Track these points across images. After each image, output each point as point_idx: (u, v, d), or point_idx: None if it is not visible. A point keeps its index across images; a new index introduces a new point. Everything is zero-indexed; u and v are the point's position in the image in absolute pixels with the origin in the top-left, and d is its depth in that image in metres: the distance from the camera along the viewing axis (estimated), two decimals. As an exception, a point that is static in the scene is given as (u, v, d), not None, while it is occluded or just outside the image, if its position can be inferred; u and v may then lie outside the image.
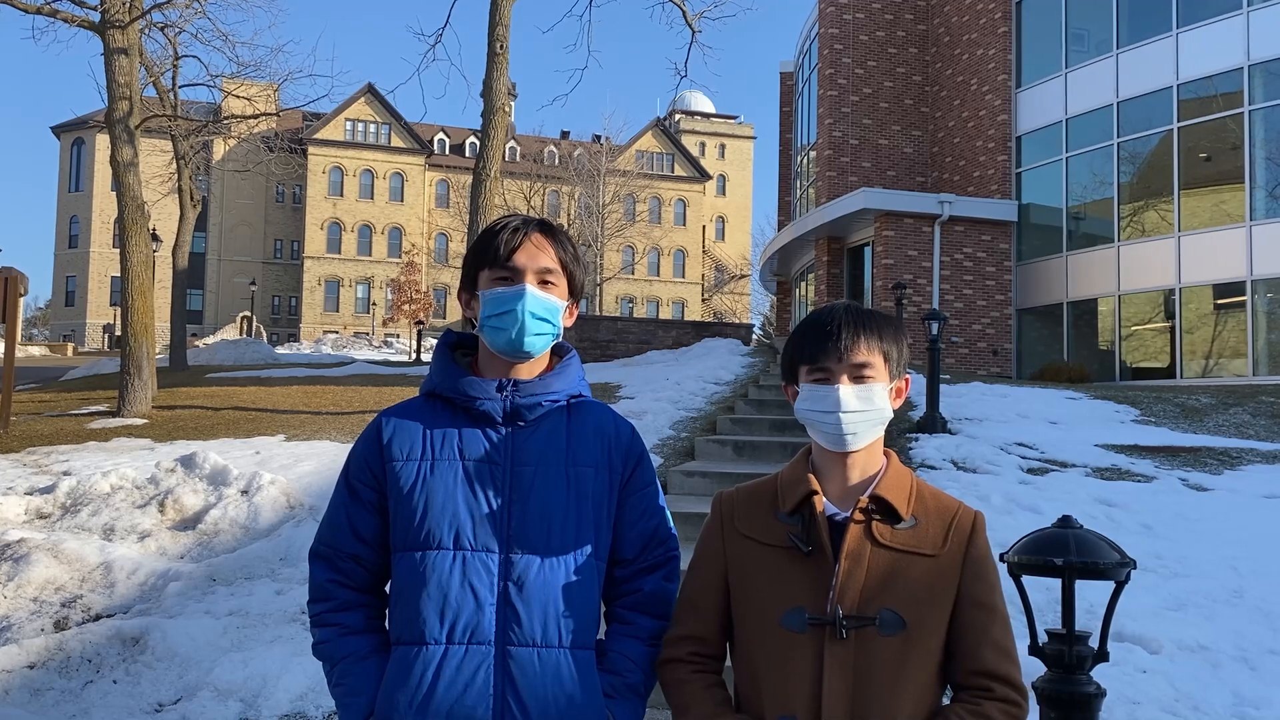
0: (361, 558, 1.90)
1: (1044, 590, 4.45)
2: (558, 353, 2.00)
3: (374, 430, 1.93)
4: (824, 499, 1.79)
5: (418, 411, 1.93)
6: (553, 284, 1.91)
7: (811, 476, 1.81)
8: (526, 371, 1.92)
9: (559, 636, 1.80)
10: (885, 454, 1.86)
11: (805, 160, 29.03)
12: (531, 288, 1.87)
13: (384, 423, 1.93)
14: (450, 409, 1.90)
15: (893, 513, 1.76)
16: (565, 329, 1.97)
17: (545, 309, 1.88)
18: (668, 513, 2.02)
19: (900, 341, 1.85)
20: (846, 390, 1.77)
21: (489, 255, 1.90)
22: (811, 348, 1.81)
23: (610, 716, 1.83)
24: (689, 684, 1.83)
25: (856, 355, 1.78)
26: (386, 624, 1.91)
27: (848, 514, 1.77)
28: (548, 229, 1.95)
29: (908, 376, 1.88)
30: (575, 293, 1.98)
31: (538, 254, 1.90)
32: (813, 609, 1.72)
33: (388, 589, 1.92)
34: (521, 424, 1.88)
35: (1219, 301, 18.81)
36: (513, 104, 60.07)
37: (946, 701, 1.77)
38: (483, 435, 1.87)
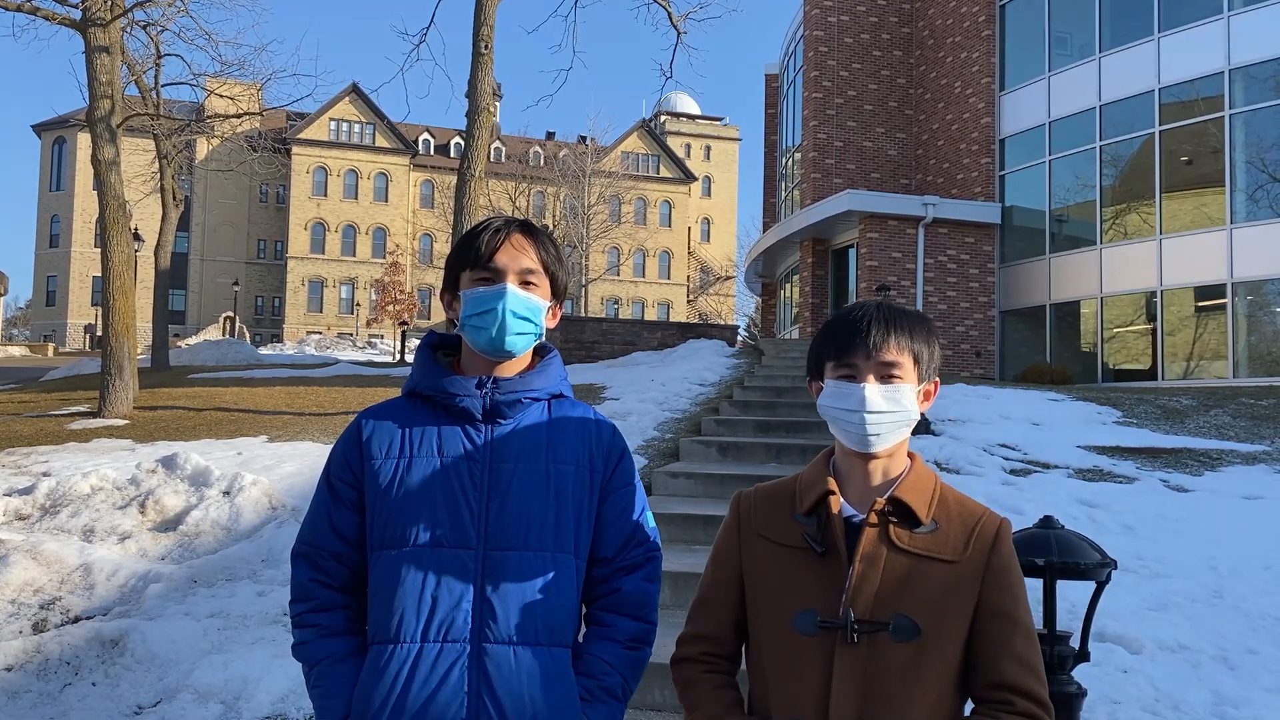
0: (343, 556, 1.89)
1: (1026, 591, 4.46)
2: (539, 352, 1.99)
3: (354, 429, 1.93)
4: (841, 499, 1.75)
5: (398, 410, 1.92)
6: (534, 285, 1.91)
7: (830, 478, 1.77)
8: (507, 370, 1.92)
9: (535, 634, 1.80)
10: (909, 456, 1.81)
11: (790, 162, 29.10)
12: (513, 287, 1.87)
13: (364, 422, 1.92)
14: (430, 407, 1.90)
15: (911, 516, 1.71)
16: (549, 330, 1.97)
17: (527, 308, 1.88)
18: (649, 513, 2.01)
19: (932, 343, 1.79)
20: (873, 389, 1.71)
21: (470, 256, 1.90)
22: (839, 344, 1.75)
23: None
24: (699, 684, 1.80)
25: (886, 354, 1.72)
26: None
27: (865, 515, 1.73)
28: (530, 230, 1.94)
29: (937, 380, 1.83)
30: (558, 294, 1.97)
31: (519, 255, 1.89)
32: (824, 611, 1.68)
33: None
34: (501, 421, 1.88)
35: (1200, 304, 18.94)
36: (498, 104, 60.07)
37: (967, 713, 1.72)
38: (462, 432, 1.87)
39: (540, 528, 1.84)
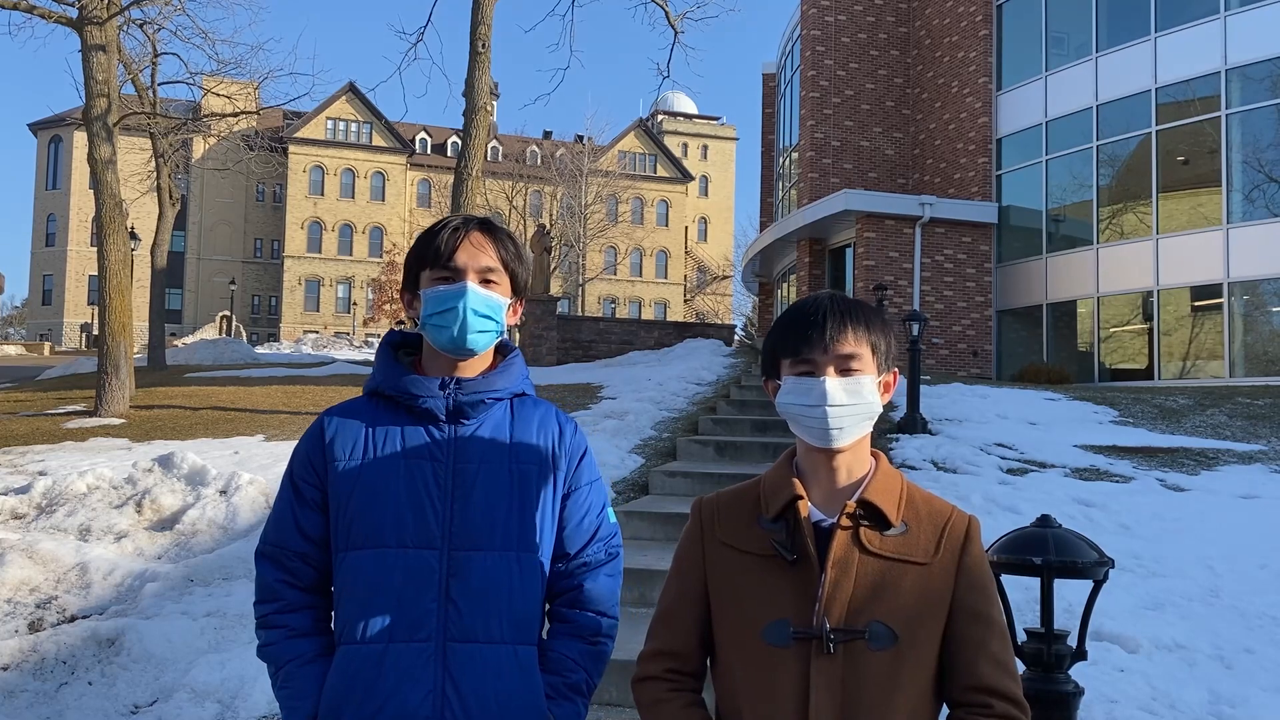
0: (309, 556, 1.88)
1: (1023, 590, 4.47)
2: (501, 351, 1.99)
3: (317, 429, 1.92)
4: (809, 504, 1.68)
5: (361, 410, 1.92)
6: (495, 282, 1.90)
7: (796, 480, 1.71)
8: (470, 370, 1.91)
9: (501, 633, 1.81)
10: (874, 455, 1.76)
11: (787, 161, 29.10)
12: (473, 285, 1.86)
13: (326, 422, 1.92)
14: (393, 408, 1.90)
15: (882, 518, 1.66)
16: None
17: (488, 306, 1.87)
18: (610, 509, 2.03)
19: (888, 334, 1.75)
20: (833, 383, 1.66)
21: (430, 255, 1.90)
22: (795, 339, 1.70)
23: (550, 717, 1.83)
24: (665, 704, 1.73)
25: (843, 346, 1.68)
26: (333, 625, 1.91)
27: (834, 519, 1.66)
28: (488, 228, 1.94)
29: (895, 371, 1.79)
30: (518, 290, 1.97)
31: (478, 253, 1.89)
32: (798, 621, 1.62)
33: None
34: (465, 422, 1.88)
35: (1196, 304, 18.96)
36: (495, 103, 60.03)
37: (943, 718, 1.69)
38: (425, 433, 1.87)
39: (504, 527, 1.84)
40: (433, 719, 1.75)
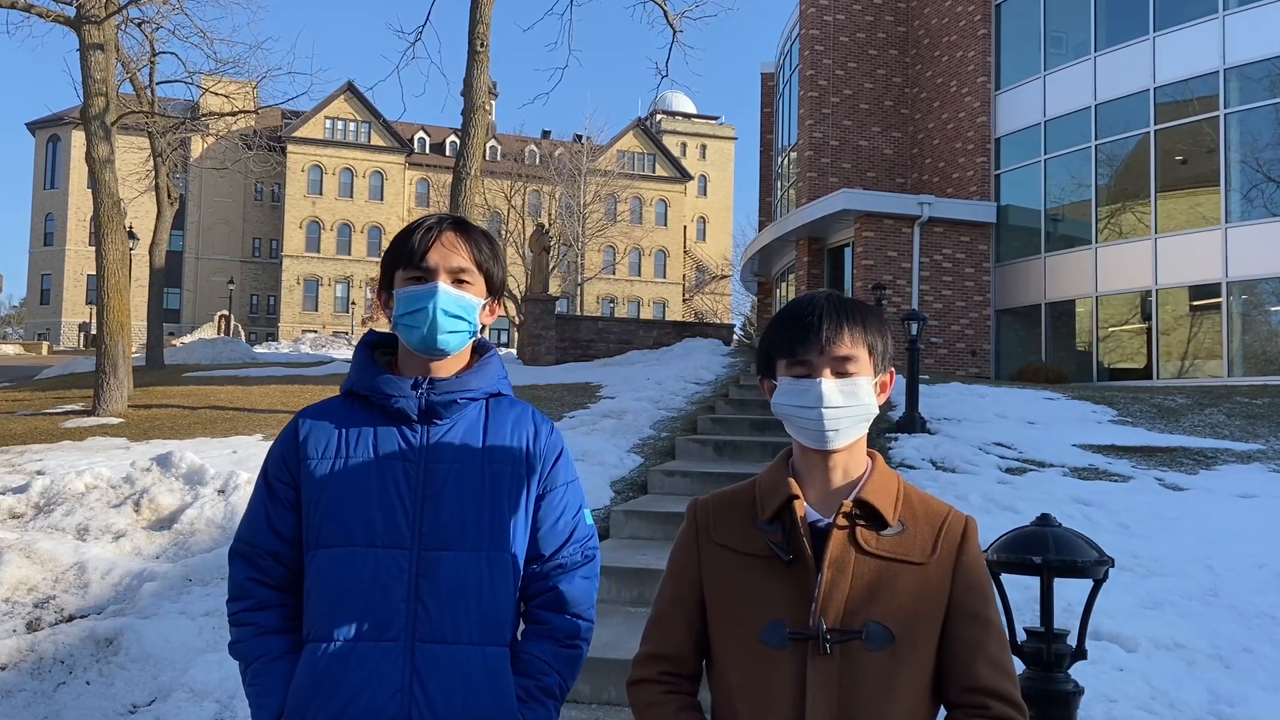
0: (281, 555, 1.89)
1: (1022, 589, 4.47)
2: (478, 351, 1.99)
3: (292, 429, 1.93)
4: (805, 504, 1.68)
5: (335, 410, 1.93)
6: (468, 282, 1.90)
7: (792, 480, 1.70)
8: (444, 370, 1.92)
9: (470, 633, 1.81)
10: (869, 455, 1.75)
11: (786, 161, 29.10)
12: (444, 285, 1.86)
13: (300, 422, 1.93)
14: (367, 407, 1.90)
15: (878, 518, 1.66)
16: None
17: (459, 306, 1.87)
18: (586, 511, 2.03)
19: (884, 333, 1.74)
20: (829, 384, 1.65)
21: (403, 255, 1.90)
22: (791, 339, 1.68)
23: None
24: (660, 707, 1.72)
25: (840, 347, 1.66)
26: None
27: (830, 519, 1.66)
28: (462, 228, 1.94)
29: (892, 370, 1.78)
30: (494, 290, 1.97)
31: (450, 253, 1.89)
32: (794, 623, 1.61)
33: None
34: (438, 422, 1.88)
35: (1195, 303, 18.97)
36: (493, 103, 59.99)
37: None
38: (398, 433, 1.87)
39: (475, 527, 1.84)
40: (399, 718, 1.75)
